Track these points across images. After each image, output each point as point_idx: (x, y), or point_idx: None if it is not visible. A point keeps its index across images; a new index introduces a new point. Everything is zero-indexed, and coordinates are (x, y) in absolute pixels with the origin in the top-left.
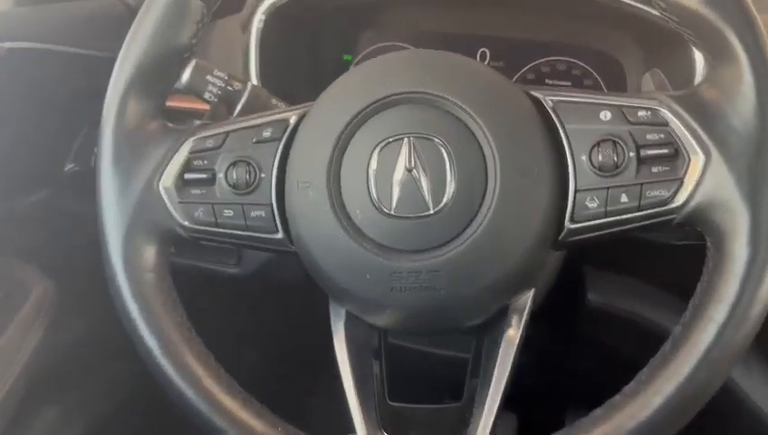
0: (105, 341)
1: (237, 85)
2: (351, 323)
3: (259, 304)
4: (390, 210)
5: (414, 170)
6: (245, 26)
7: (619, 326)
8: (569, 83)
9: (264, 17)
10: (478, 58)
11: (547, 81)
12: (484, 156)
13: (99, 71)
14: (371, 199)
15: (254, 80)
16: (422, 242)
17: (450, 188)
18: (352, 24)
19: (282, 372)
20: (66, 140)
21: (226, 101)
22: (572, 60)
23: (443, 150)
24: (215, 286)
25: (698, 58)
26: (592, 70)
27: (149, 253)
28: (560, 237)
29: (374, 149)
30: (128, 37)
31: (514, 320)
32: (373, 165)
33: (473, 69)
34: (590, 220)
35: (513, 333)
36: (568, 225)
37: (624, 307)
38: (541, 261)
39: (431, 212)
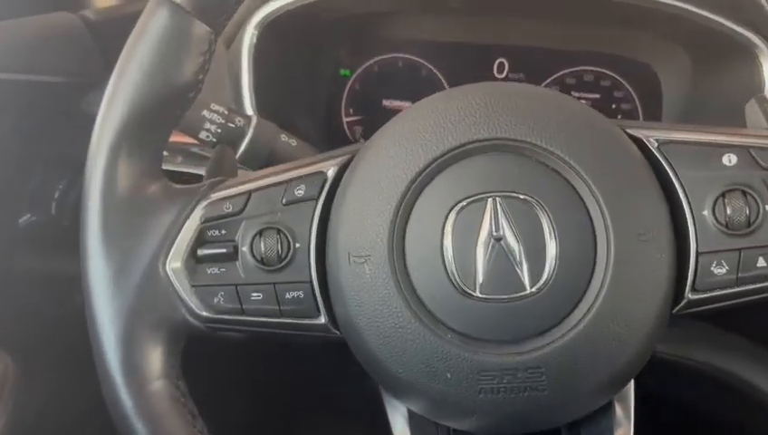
0: (72, 410)
1: (240, 121)
2: (417, 421)
3: (251, 358)
4: (475, 291)
5: (503, 239)
6: (230, 42)
7: (690, 377)
8: (597, 96)
9: (256, 32)
10: (495, 69)
11: (573, 93)
12: (590, 218)
13: (55, 100)
14: (449, 277)
15: (247, 106)
16: (518, 331)
17: (551, 260)
18: (351, 34)
19: (273, 424)
20: (19, 185)
21: (227, 141)
22: (601, 69)
23: (539, 213)
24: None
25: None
26: (623, 81)
27: (156, 355)
28: (674, 310)
29: (449, 212)
30: (114, 75)
31: (622, 413)
32: (449, 232)
33: (566, 106)
34: (716, 290)
35: (626, 432)
36: (689, 295)
37: (696, 357)
38: (656, 342)
39: (528, 292)
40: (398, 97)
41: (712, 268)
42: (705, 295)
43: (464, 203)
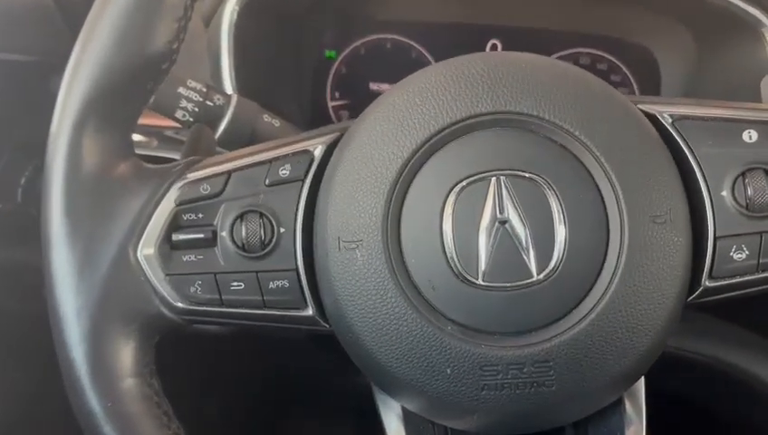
0: (39, 410)
1: (219, 99)
2: (412, 420)
3: (231, 352)
4: (477, 278)
5: (508, 222)
6: (209, 19)
7: (696, 372)
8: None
9: (237, 8)
10: (488, 51)
11: None
12: (602, 199)
13: (21, 80)
14: (449, 263)
15: (227, 86)
16: (524, 322)
17: (560, 245)
18: (337, 14)
19: (254, 424)
20: None
21: (205, 120)
22: (597, 52)
23: (547, 193)
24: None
25: None
26: (620, 63)
27: (127, 351)
28: (689, 299)
29: (449, 192)
30: (78, 42)
31: (632, 410)
32: (448, 215)
33: (576, 77)
34: (736, 276)
35: (637, 430)
36: (706, 283)
37: (701, 351)
38: (670, 333)
39: (535, 279)
40: (387, 80)
41: (731, 253)
42: (724, 283)
43: (464, 183)
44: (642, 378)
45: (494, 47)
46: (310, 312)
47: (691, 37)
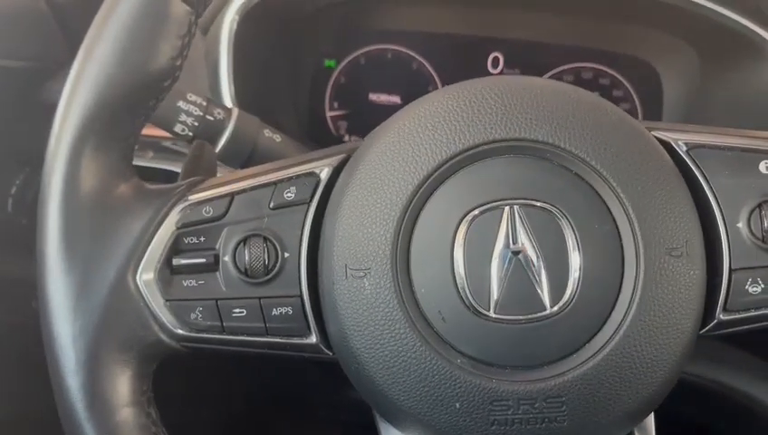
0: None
1: (219, 113)
2: None
3: (214, 365)
4: (489, 310)
5: (521, 253)
6: (207, 27)
7: (694, 395)
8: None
9: (237, 17)
10: (489, 64)
11: None
12: (618, 230)
13: (12, 87)
14: (460, 294)
15: (226, 97)
16: (537, 355)
17: (574, 276)
18: (337, 23)
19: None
20: None
21: (205, 135)
22: (599, 66)
23: (562, 223)
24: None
25: None
26: (623, 79)
27: (124, 380)
28: (702, 331)
29: (460, 221)
30: (79, 57)
31: None
32: (460, 244)
33: (592, 105)
34: (750, 310)
35: None
36: (720, 316)
37: (713, 377)
38: (683, 367)
39: (549, 312)
40: (386, 91)
41: (746, 286)
42: (738, 316)
43: (477, 211)
44: (653, 417)
45: (495, 60)
46: (314, 340)
47: (695, 54)
